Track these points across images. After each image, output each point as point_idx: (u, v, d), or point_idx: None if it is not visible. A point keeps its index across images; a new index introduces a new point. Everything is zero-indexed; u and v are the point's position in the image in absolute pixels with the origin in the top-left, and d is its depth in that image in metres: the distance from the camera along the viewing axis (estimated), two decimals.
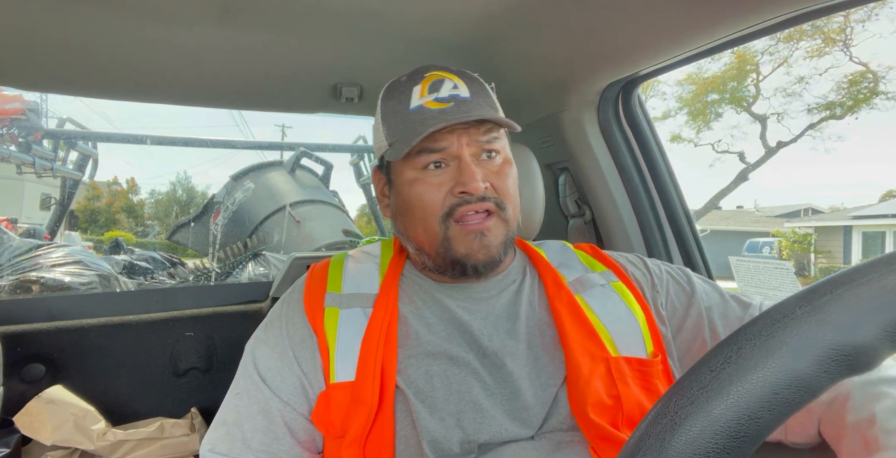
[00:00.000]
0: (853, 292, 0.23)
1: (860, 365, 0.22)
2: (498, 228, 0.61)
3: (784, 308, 0.24)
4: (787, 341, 0.22)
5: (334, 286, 0.66)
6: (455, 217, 0.60)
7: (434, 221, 0.60)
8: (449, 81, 0.62)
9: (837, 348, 0.22)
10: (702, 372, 0.23)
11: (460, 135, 0.59)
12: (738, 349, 0.23)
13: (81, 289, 2.91)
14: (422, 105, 0.60)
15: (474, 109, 0.60)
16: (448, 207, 0.60)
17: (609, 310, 0.63)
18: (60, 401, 1.14)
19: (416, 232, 0.63)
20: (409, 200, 0.62)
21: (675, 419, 0.22)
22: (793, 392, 0.22)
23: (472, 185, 0.58)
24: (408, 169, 0.61)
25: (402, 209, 0.64)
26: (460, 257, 0.60)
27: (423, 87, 0.61)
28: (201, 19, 0.90)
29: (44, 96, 6.74)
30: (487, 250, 0.60)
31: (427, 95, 0.61)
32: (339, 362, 0.58)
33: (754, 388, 0.22)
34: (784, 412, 0.22)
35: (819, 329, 0.22)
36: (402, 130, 0.61)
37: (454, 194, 0.59)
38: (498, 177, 0.62)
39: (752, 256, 13.06)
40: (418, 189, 0.61)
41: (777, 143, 11.33)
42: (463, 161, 0.59)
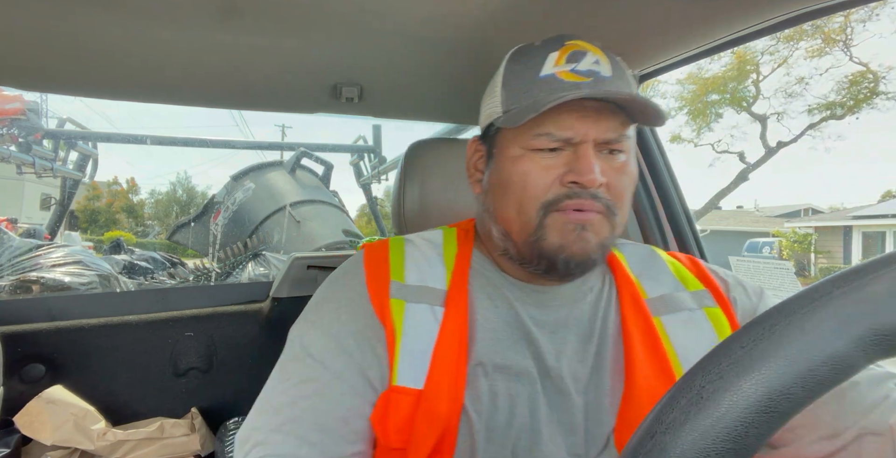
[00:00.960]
0: (893, 275, 0.22)
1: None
2: (602, 226, 0.52)
3: (821, 288, 0.24)
4: (825, 318, 0.22)
5: (397, 275, 0.58)
6: (557, 208, 0.52)
7: (532, 206, 0.52)
8: (592, 54, 0.53)
9: (877, 328, 0.22)
10: (732, 348, 0.23)
11: (590, 124, 0.51)
12: (772, 326, 0.23)
13: (81, 289, 2.91)
14: (554, 74, 0.52)
15: (614, 87, 0.52)
16: (553, 196, 0.52)
17: (694, 343, 0.54)
18: (60, 401, 1.14)
19: (507, 214, 0.55)
20: (509, 177, 0.54)
21: (701, 394, 0.22)
22: (829, 370, 0.21)
23: (588, 177, 0.50)
24: (516, 145, 0.54)
25: (498, 186, 0.56)
26: (553, 249, 0.52)
27: (560, 54, 0.53)
28: (201, 19, 0.90)
29: (44, 96, 6.75)
30: (585, 244, 0.51)
31: (564, 64, 0.52)
32: (404, 364, 0.52)
33: (788, 364, 0.21)
34: (817, 389, 0.21)
35: (858, 308, 0.22)
36: (525, 98, 0.53)
37: (563, 184, 0.51)
38: (617, 175, 0.53)
39: (752, 256, 13.07)
40: (523, 167, 0.53)
41: (777, 143, 11.34)
42: (583, 149, 0.51)
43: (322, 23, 0.93)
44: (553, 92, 0.51)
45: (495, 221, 0.57)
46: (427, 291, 0.56)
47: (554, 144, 0.52)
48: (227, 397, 1.33)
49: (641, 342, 0.54)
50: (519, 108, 0.52)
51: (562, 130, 0.51)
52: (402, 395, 0.51)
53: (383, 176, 7.74)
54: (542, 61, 0.53)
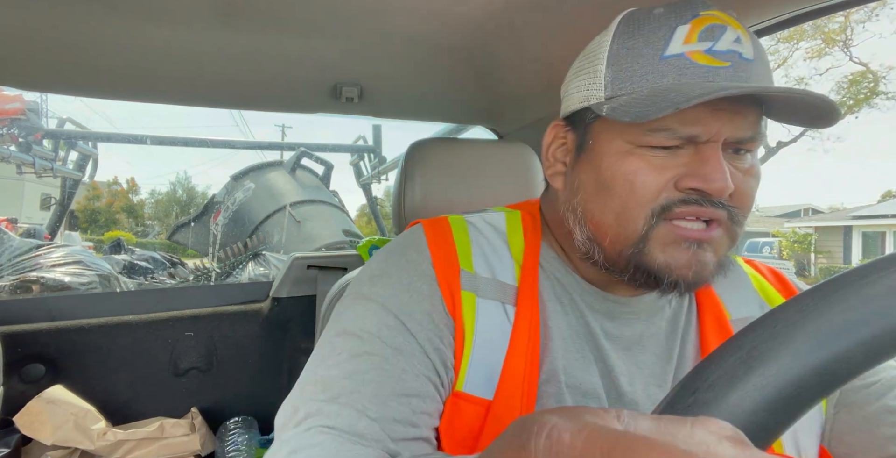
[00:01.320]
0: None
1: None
2: (723, 243, 0.44)
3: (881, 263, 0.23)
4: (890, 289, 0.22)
5: (466, 262, 0.50)
6: (669, 216, 0.43)
7: (639, 214, 0.43)
8: (732, 29, 0.42)
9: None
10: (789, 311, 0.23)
11: (724, 121, 0.41)
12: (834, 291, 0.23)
13: (81, 289, 2.91)
14: (684, 54, 0.42)
15: (757, 78, 0.42)
16: (665, 201, 0.43)
17: None
18: (60, 401, 1.14)
19: (602, 218, 0.46)
20: (611, 175, 0.44)
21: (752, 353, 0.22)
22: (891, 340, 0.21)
23: (718, 184, 0.41)
24: (622, 138, 0.44)
25: (593, 185, 0.46)
26: (656, 267, 0.43)
27: (692, 28, 0.42)
28: (201, 19, 0.90)
29: (44, 96, 6.74)
30: (700, 267, 0.43)
31: (696, 41, 0.42)
32: (473, 369, 0.46)
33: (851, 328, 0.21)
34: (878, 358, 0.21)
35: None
36: (641, 83, 0.43)
37: (679, 188, 0.42)
38: (745, 181, 0.44)
39: (752, 256, 13.06)
40: (631, 166, 0.43)
41: (777, 143, 11.33)
42: (710, 149, 0.42)
43: (322, 23, 0.93)
44: (683, 76, 0.41)
45: (583, 224, 0.48)
46: (497, 285, 0.49)
47: (674, 141, 0.42)
48: (227, 397, 1.33)
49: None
50: (639, 96, 0.42)
51: (687, 125, 0.41)
52: (469, 403, 0.45)
53: (383, 176, 7.73)
54: (669, 36, 0.42)
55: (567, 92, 0.52)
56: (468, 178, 0.93)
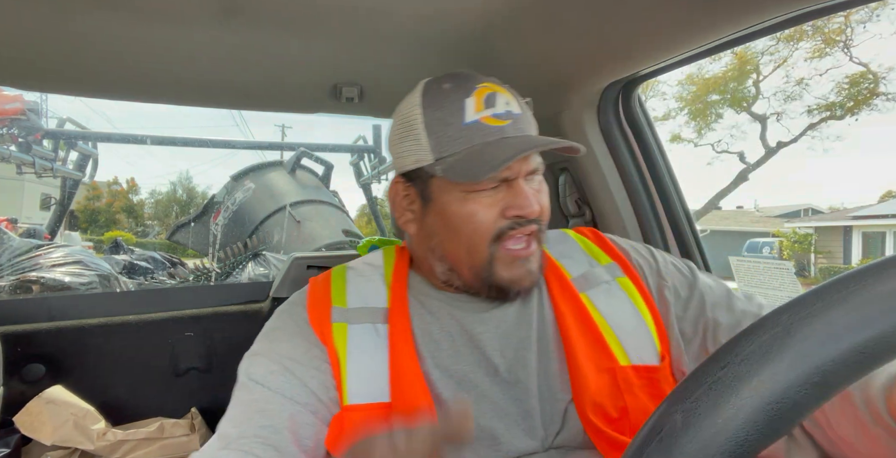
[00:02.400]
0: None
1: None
2: (538, 252, 0.60)
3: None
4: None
5: (339, 300, 0.62)
6: (503, 240, 0.57)
7: (483, 244, 0.57)
8: (501, 95, 0.58)
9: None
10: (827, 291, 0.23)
11: (521, 163, 0.57)
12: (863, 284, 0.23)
13: (81, 289, 2.91)
14: (479, 120, 0.56)
15: (526, 127, 0.58)
16: (498, 230, 0.57)
17: (616, 311, 0.61)
18: (60, 401, 1.14)
19: (456, 253, 0.59)
20: (455, 219, 0.58)
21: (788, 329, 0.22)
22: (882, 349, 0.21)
23: (530, 209, 0.56)
24: (457, 189, 0.57)
25: (442, 227, 0.59)
26: (505, 282, 0.58)
27: (477, 99, 0.57)
28: (201, 19, 0.90)
29: (44, 96, 6.75)
30: (531, 276, 0.58)
31: (484, 109, 0.57)
32: (354, 383, 0.55)
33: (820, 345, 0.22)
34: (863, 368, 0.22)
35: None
36: (456, 145, 0.56)
37: (506, 216, 0.57)
38: (542, 196, 0.59)
39: (752, 256, 13.05)
40: (470, 208, 0.57)
41: (777, 143, 11.34)
42: (519, 184, 0.57)
43: (322, 23, 0.93)
44: (486, 138, 0.55)
45: (442, 260, 0.61)
46: (368, 311, 0.61)
47: (494, 184, 0.57)
48: (227, 397, 1.32)
49: (574, 319, 0.60)
50: (460, 158, 0.56)
51: (502, 172, 0.56)
52: (360, 412, 0.53)
53: (383, 176, 7.73)
54: (463, 107, 0.57)
55: (398, 153, 0.62)
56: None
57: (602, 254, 0.68)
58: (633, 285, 0.64)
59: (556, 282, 0.63)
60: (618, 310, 0.61)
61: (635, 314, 0.61)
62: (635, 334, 0.59)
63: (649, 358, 0.59)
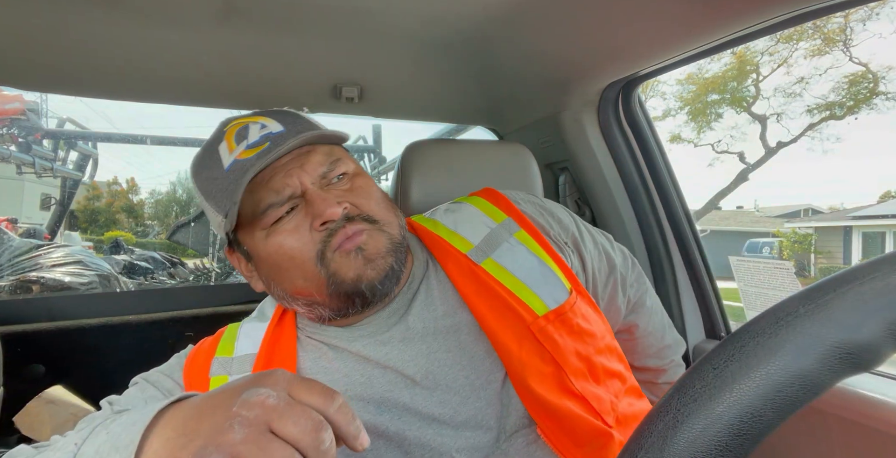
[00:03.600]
0: (857, 290, 0.23)
1: (864, 363, 0.22)
2: (375, 238, 0.54)
3: (787, 306, 0.24)
4: (791, 338, 0.22)
5: (225, 351, 0.59)
6: (331, 249, 0.53)
7: (311, 266, 0.54)
8: (254, 123, 0.56)
9: (841, 347, 0.22)
10: (704, 370, 0.23)
11: (298, 172, 0.54)
12: (741, 347, 0.23)
13: (81, 289, 2.91)
14: (235, 159, 0.54)
15: (293, 140, 0.54)
16: (320, 245, 0.53)
17: (522, 264, 0.60)
18: (60, 401, 1.14)
19: (297, 286, 0.56)
20: (272, 257, 0.55)
21: (677, 417, 0.22)
22: (796, 390, 0.22)
23: (329, 211, 0.52)
24: (257, 230, 0.55)
25: (271, 272, 0.57)
26: (352, 283, 0.53)
27: (228, 141, 0.56)
28: (201, 19, 0.90)
29: (44, 96, 6.73)
30: (374, 263, 0.53)
31: (236, 146, 0.55)
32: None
33: (758, 386, 0.22)
34: (787, 409, 0.22)
35: (823, 327, 0.22)
36: (228, 196, 0.54)
37: (317, 229, 0.53)
38: (353, 195, 0.56)
39: (752, 256, 13.05)
40: (275, 242, 0.54)
41: (777, 143, 11.34)
42: (308, 193, 0.54)
43: (322, 23, 0.93)
44: (246, 174, 0.52)
45: (294, 299, 0.58)
46: (246, 358, 0.58)
47: (283, 209, 0.54)
48: None
49: (477, 294, 0.57)
50: (230, 209, 0.53)
51: (278, 194, 0.53)
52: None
53: (383, 176, 7.72)
54: (219, 156, 0.56)
55: (214, 230, 0.63)
56: (465, 178, 0.93)
57: (498, 211, 0.67)
58: (529, 236, 0.64)
59: (454, 266, 0.61)
60: (524, 263, 0.61)
61: (539, 262, 0.61)
62: (544, 279, 0.59)
63: (563, 296, 0.59)
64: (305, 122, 0.59)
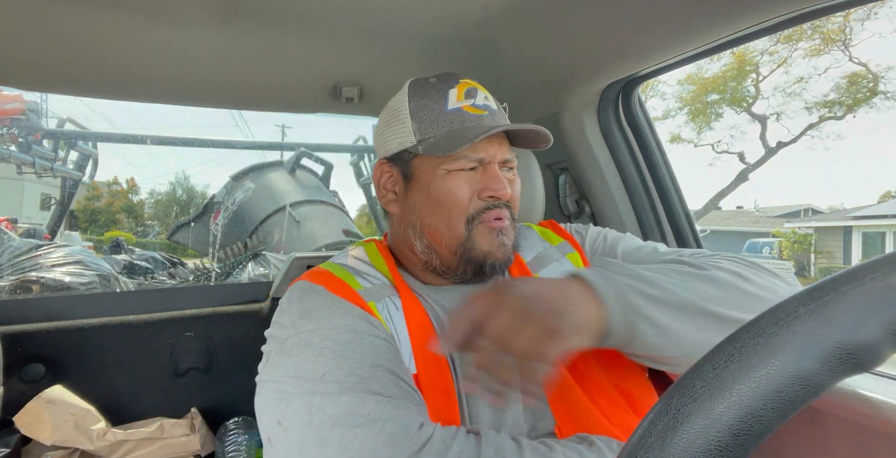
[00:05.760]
0: (857, 291, 0.23)
1: (864, 363, 0.22)
2: (511, 231, 0.64)
3: (787, 307, 0.24)
4: (791, 339, 0.22)
5: (356, 286, 0.63)
6: (480, 220, 0.62)
7: (460, 220, 0.62)
8: (481, 91, 0.65)
9: (841, 347, 0.22)
10: (704, 370, 0.23)
11: (496, 147, 0.63)
12: (741, 347, 0.23)
13: (81, 289, 2.91)
14: (460, 108, 0.63)
15: (502, 121, 0.65)
16: (475, 210, 0.62)
17: None
18: (60, 401, 1.14)
19: (436, 228, 0.63)
20: (436, 194, 0.62)
21: (677, 417, 0.22)
22: (796, 391, 0.22)
23: (503, 191, 0.61)
24: (440, 166, 0.62)
25: (423, 203, 0.64)
26: (482, 255, 0.61)
27: (459, 91, 0.64)
28: (201, 19, 0.90)
29: (44, 96, 6.75)
30: (505, 248, 0.63)
31: (464, 99, 0.63)
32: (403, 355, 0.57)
33: (757, 386, 0.22)
34: (787, 410, 0.22)
35: (822, 328, 0.22)
36: (438, 129, 0.62)
37: (482, 197, 0.62)
38: (514, 187, 0.65)
39: (752, 256, 13.02)
40: (450, 184, 0.62)
41: (777, 143, 11.34)
42: (493, 169, 0.62)
43: (322, 23, 0.93)
44: (465, 122, 0.62)
45: (421, 236, 0.64)
46: (381, 287, 0.63)
47: (472, 164, 0.62)
48: (227, 397, 1.33)
49: None
50: (441, 137, 0.61)
51: (477, 152, 0.61)
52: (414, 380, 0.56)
53: None
54: (446, 96, 0.63)
55: (383, 140, 0.68)
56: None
57: (554, 236, 0.76)
58: (580, 260, 0.72)
59: (516, 267, 0.69)
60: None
61: None
62: None
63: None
64: (504, 114, 0.69)
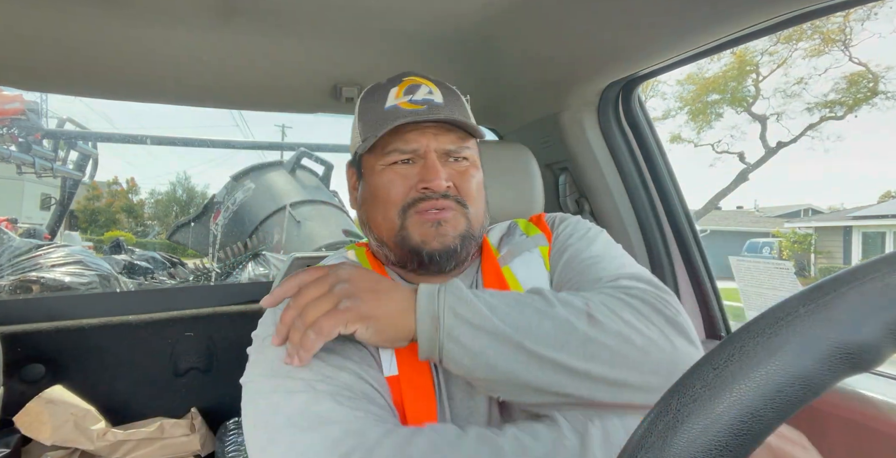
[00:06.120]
0: (857, 290, 0.23)
1: (864, 363, 0.22)
2: (457, 219, 0.63)
3: (787, 306, 0.24)
4: (791, 339, 0.22)
5: None
6: (415, 210, 0.62)
7: (394, 211, 0.63)
8: (425, 86, 0.65)
9: (841, 347, 0.22)
10: (704, 370, 0.23)
11: (430, 138, 0.63)
12: (741, 347, 0.23)
13: (81, 289, 2.91)
14: (396, 105, 0.64)
15: (445, 114, 0.63)
16: (410, 200, 0.62)
17: (532, 276, 0.66)
18: (60, 401, 1.14)
19: (376, 221, 0.65)
20: (375, 189, 0.65)
21: (677, 417, 0.22)
22: (796, 390, 0.22)
23: (435, 182, 0.60)
24: (378, 163, 0.64)
25: (367, 199, 0.67)
26: (416, 244, 0.62)
27: (399, 89, 0.65)
28: (201, 20, 0.90)
29: (44, 96, 6.74)
30: (443, 238, 0.61)
31: (402, 96, 0.64)
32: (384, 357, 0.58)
33: (757, 386, 0.22)
34: (787, 409, 0.22)
35: (822, 327, 0.22)
36: (376, 128, 0.63)
37: (417, 190, 0.62)
38: (462, 178, 0.64)
39: (752, 256, 13.04)
40: (385, 178, 0.63)
41: (777, 143, 11.34)
42: (428, 159, 0.62)
43: (322, 23, 0.93)
44: (395, 119, 0.62)
45: (370, 230, 0.68)
46: None
47: (404, 156, 0.63)
48: (227, 397, 1.33)
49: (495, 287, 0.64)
50: (370, 136, 0.63)
51: (408, 144, 0.62)
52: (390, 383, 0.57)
53: None
54: (386, 96, 0.65)
55: (350, 145, 0.72)
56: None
57: (533, 228, 0.74)
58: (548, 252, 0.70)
59: (489, 266, 0.68)
60: (533, 274, 0.66)
61: (545, 278, 0.66)
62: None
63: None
64: (462, 107, 0.68)
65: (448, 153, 0.64)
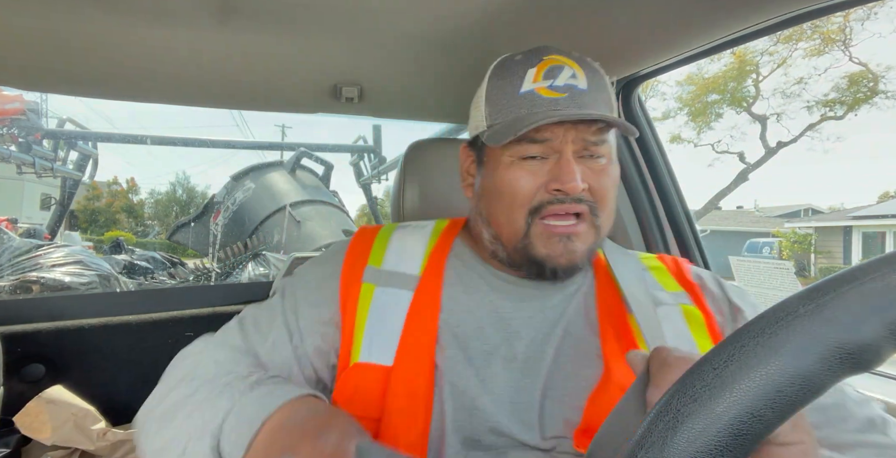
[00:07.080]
0: (857, 290, 0.23)
1: (864, 363, 0.22)
2: (588, 234, 0.56)
3: (787, 306, 0.24)
4: (791, 339, 0.22)
5: (375, 260, 0.62)
6: (542, 214, 0.55)
7: (520, 214, 0.56)
8: (568, 68, 0.56)
9: (841, 347, 0.22)
10: (704, 370, 0.23)
11: (567, 129, 0.54)
12: (741, 347, 0.23)
13: (81, 289, 2.91)
14: (533, 90, 0.55)
15: (589, 104, 0.55)
16: (538, 202, 0.55)
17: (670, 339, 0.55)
18: (60, 401, 1.14)
19: (497, 220, 0.58)
20: (499, 185, 0.57)
21: (677, 417, 0.22)
22: (796, 390, 0.22)
23: (570, 184, 0.53)
24: (504, 154, 0.57)
25: (488, 192, 0.59)
26: (540, 258, 0.55)
27: (538, 70, 0.56)
28: (201, 19, 0.90)
29: (44, 96, 6.75)
30: (572, 255, 0.55)
31: (541, 80, 0.55)
32: (368, 342, 0.56)
33: (757, 386, 0.22)
34: (787, 410, 0.22)
35: (822, 327, 0.22)
36: (506, 115, 0.56)
37: (548, 190, 0.54)
38: (598, 178, 0.56)
39: (752, 256, 13.05)
40: (512, 174, 0.56)
41: (777, 143, 11.35)
42: (564, 157, 0.54)
43: (322, 23, 0.93)
44: (532, 109, 0.55)
45: (487, 225, 0.61)
46: (399, 276, 0.61)
47: (536, 149, 0.55)
48: None
49: (614, 337, 0.56)
50: (505, 124, 0.56)
51: (539, 133, 0.54)
52: (369, 371, 0.54)
53: (383, 176, 7.73)
54: (522, 77, 0.56)
55: (469, 123, 0.64)
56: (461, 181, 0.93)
57: (672, 282, 0.63)
58: (699, 314, 0.58)
59: (607, 296, 0.60)
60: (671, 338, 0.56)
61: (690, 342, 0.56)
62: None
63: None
64: (606, 92, 0.59)
65: (585, 147, 0.55)
